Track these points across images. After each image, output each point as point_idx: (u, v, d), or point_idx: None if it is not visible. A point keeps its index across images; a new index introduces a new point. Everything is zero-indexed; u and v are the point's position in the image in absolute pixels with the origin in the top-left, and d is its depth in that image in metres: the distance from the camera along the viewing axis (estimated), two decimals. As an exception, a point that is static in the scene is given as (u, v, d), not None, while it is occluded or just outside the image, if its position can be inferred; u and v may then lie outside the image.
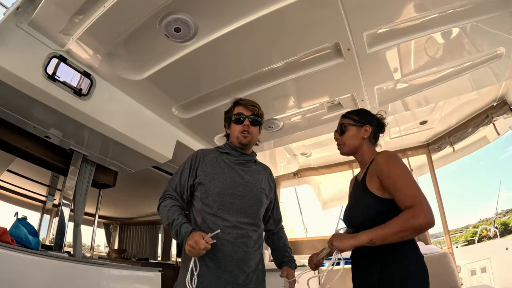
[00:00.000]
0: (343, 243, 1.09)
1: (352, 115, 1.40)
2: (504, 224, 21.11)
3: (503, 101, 3.02)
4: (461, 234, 10.56)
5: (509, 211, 27.40)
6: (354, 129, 1.36)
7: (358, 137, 1.35)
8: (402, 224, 1.02)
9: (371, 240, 1.04)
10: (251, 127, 1.42)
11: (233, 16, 1.66)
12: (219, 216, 1.30)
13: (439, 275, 2.74)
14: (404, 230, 1.01)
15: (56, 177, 3.14)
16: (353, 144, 1.36)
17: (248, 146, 1.46)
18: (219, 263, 1.24)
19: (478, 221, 33.05)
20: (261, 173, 1.48)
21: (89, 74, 2.03)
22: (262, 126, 1.51)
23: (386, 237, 1.03)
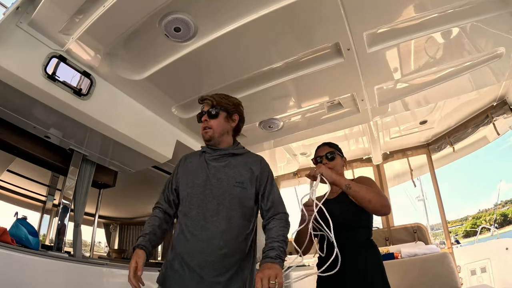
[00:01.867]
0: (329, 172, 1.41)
1: (334, 146, 1.69)
2: (503, 215, 21.08)
3: (503, 101, 3.02)
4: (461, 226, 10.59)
5: (508, 202, 27.35)
6: (339, 158, 1.66)
7: (341, 165, 1.67)
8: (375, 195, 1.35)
9: (349, 184, 1.37)
10: (210, 121, 1.40)
11: (233, 16, 1.66)
12: (189, 217, 1.31)
13: (439, 275, 2.75)
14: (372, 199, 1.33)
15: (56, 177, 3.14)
16: (339, 171, 1.62)
17: (216, 140, 1.42)
18: (189, 263, 1.25)
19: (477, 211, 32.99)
20: (241, 166, 1.39)
21: (89, 74, 2.03)
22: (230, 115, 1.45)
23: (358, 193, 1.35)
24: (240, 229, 1.30)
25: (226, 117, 1.43)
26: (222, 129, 1.42)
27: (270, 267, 1.15)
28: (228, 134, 1.46)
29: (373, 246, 1.49)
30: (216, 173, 1.36)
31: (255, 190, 1.38)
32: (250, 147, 3.19)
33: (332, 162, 1.61)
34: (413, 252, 3.06)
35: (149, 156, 2.55)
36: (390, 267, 3.09)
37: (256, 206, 1.40)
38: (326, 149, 1.66)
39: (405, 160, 3.99)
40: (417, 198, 14.42)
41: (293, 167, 4.18)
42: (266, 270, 1.13)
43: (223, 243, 1.25)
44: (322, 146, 1.70)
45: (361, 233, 1.48)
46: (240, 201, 1.32)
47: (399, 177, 4.51)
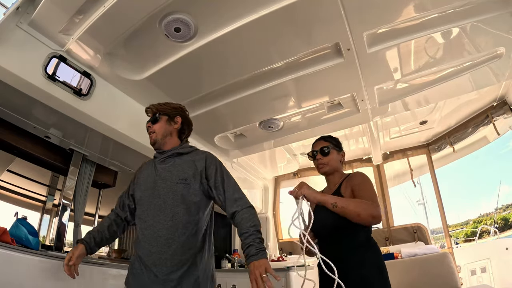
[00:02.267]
0: (312, 193, 1.32)
1: (331, 140, 1.61)
2: (504, 219, 21.08)
3: (503, 101, 3.02)
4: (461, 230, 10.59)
5: (509, 206, 27.35)
6: (335, 152, 1.59)
7: (338, 160, 1.59)
8: (364, 207, 1.27)
9: (335, 203, 1.28)
10: (152, 126, 1.52)
11: (233, 16, 1.66)
12: (141, 219, 1.41)
13: (439, 275, 2.75)
14: (361, 212, 1.25)
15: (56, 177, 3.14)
16: (334, 166, 1.57)
17: (160, 143, 1.50)
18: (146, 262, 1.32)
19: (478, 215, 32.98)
20: (185, 164, 1.44)
21: (89, 74, 2.03)
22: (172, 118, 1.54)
23: (345, 209, 1.27)
24: (185, 225, 1.34)
25: (167, 120, 1.53)
26: (164, 131, 1.51)
27: (257, 264, 1.17)
28: (172, 136, 1.54)
29: (372, 245, 1.43)
30: (162, 173, 1.44)
31: (202, 185, 1.41)
32: (250, 147, 3.20)
33: (326, 157, 1.56)
34: (413, 252, 3.06)
35: (149, 156, 2.55)
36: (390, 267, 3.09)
37: (206, 200, 1.44)
38: (321, 144, 1.61)
39: (405, 160, 3.99)
40: (417, 202, 14.44)
41: (293, 167, 4.18)
42: (255, 269, 1.16)
43: (170, 240, 1.30)
44: (318, 140, 1.65)
45: (359, 233, 1.41)
46: (183, 197, 1.36)
47: (399, 177, 4.50)
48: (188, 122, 1.64)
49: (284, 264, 3.05)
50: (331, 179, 1.60)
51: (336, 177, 1.57)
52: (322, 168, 1.57)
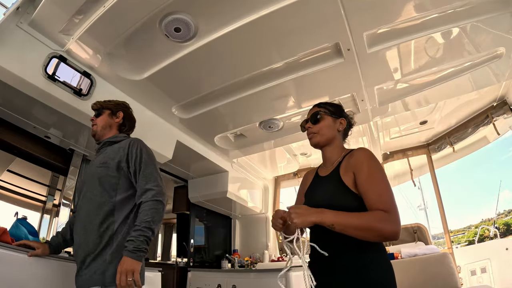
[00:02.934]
0: (304, 220, 0.96)
1: (327, 105, 1.32)
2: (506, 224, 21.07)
3: (503, 101, 3.02)
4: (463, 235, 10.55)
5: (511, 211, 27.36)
6: (330, 119, 1.28)
7: (334, 128, 1.28)
8: (371, 223, 0.92)
9: (333, 224, 0.95)
10: (95, 120, 1.60)
11: (233, 16, 1.66)
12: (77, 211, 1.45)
13: (439, 275, 2.74)
14: (369, 229, 0.92)
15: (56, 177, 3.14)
16: (328, 135, 1.25)
17: (98, 134, 1.58)
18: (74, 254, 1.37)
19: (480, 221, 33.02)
20: (113, 150, 1.46)
21: (89, 74, 2.03)
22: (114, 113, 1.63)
23: (347, 228, 0.94)
24: (100, 206, 1.34)
25: (109, 114, 1.61)
26: (104, 123, 1.58)
27: (127, 262, 1.17)
28: (111, 129, 1.60)
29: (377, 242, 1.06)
30: (94, 161, 1.50)
31: (122, 169, 1.40)
32: (250, 147, 3.20)
33: (317, 125, 1.26)
34: (413, 252, 3.06)
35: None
36: (390, 267, 3.09)
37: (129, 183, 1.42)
38: (313, 110, 1.32)
39: (405, 160, 3.99)
40: (418, 207, 14.44)
41: (293, 167, 4.18)
42: (124, 265, 1.16)
43: (87, 223, 1.32)
44: (313, 106, 1.36)
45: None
46: (100, 180, 1.38)
47: (399, 177, 4.50)
48: (130, 117, 1.70)
49: (284, 264, 3.04)
50: (327, 155, 1.28)
51: (334, 152, 1.26)
52: (312, 138, 1.27)
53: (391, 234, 0.92)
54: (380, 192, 1.00)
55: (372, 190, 1.01)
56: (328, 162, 1.26)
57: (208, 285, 3.26)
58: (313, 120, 1.27)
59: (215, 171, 3.56)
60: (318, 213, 0.98)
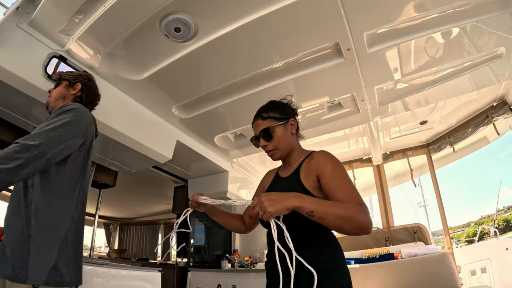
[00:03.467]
0: (280, 206, 0.86)
1: (270, 112, 1.20)
2: (506, 220, 21.07)
3: (503, 101, 3.02)
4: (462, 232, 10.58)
5: (511, 207, 27.38)
6: (281, 128, 1.18)
7: (288, 135, 1.19)
8: (353, 213, 0.89)
9: (312, 211, 0.87)
10: (52, 91, 1.51)
11: (233, 16, 1.66)
12: None
13: (439, 275, 2.74)
14: (350, 219, 0.88)
15: (56, 177, 3.14)
16: (286, 146, 1.19)
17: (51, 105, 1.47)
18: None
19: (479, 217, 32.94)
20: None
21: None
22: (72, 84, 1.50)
23: (328, 216, 0.88)
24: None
25: (66, 86, 1.50)
26: (58, 94, 1.48)
27: None
28: (65, 100, 1.47)
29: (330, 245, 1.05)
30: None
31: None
32: (250, 147, 3.20)
33: (271, 141, 1.17)
34: (413, 252, 3.06)
35: (149, 156, 2.55)
36: (390, 267, 3.10)
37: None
38: (260, 124, 1.20)
39: (405, 160, 3.99)
40: (418, 204, 14.46)
41: (293, 167, 4.18)
42: None
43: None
44: (255, 119, 1.23)
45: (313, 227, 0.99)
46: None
47: (399, 177, 4.50)
48: (89, 90, 1.56)
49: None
50: (289, 159, 1.23)
51: (295, 155, 1.21)
52: (273, 155, 1.20)
53: (367, 226, 0.89)
54: (349, 189, 0.98)
55: (341, 187, 0.98)
56: (289, 165, 1.22)
57: (208, 285, 3.27)
58: (265, 137, 1.17)
59: (215, 171, 3.56)
60: (296, 197, 0.89)
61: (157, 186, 4.74)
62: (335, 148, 3.79)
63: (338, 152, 3.90)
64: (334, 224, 0.89)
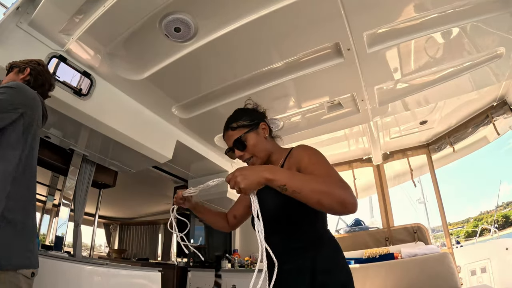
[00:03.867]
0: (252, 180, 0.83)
1: (239, 121, 1.19)
2: (505, 216, 21.03)
3: (503, 101, 3.02)
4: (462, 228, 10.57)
5: (510, 203, 27.38)
6: (253, 135, 1.15)
7: (261, 140, 1.16)
8: (331, 187, 0.82)
9: (285, 185, 0.82)
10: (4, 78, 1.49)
11: (233, 16, 1.66)
12: None
13: (439, 275, 2.75)
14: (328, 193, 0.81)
15: (56, 177, 3.14)
16: (262, 151, 1.15)
17: None
18: None
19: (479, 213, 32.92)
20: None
21: (89, 74, 2.03)
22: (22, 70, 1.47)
23: (302, 189, 0.82)
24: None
25: (16, 72, 1.48)
26: (7, 80, 1.45)
27: None
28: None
29: (324, 244, 1.02)
30: None
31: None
32: (250, 147, 3.20)
33: (247, 150, 1.14)
34: (413, 252, 3.06)
35: (149, 156, 2.56)
36: (390, 267, 3.09)
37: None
38: (231, 135, 1.18)
39: (405, 160, 3.99)
40: (417, 200, 14.45)
41: (293, 167, 4.18)
42: None
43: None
44: (225, 131, 1.21)
45: (307, 229, 1.00)
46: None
47: (399, 177, 4.50)
48: (37, 73, 1.51)
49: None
50: (272, 159, 1.19)
51: (276, 156, 1.18)
52: (254, 163, 1.16)
53: (349, 201, 0.81)
54: (326, 170, 0.93)
55: (318, 170, 0.93)
56: (274, 162, 1.18)
57: (208, 285, 3.27)
58: (239, 147, 1.14)
59: (215, 171, 3.56)
60: (267, 170, 0.85)
61: (157, 186, 4.75)
62: (335, 148, 3.78)
63: (338, 152, 3.90)
64: (311, 198, 0.82)
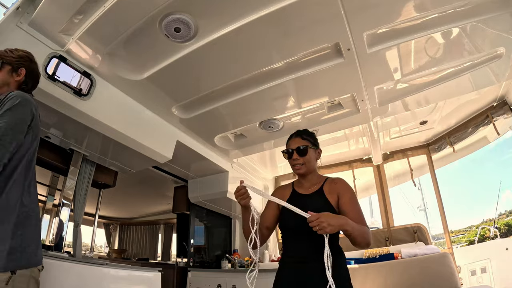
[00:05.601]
0: (335, 228, 1.14)
1: (308, 136, 1.45)
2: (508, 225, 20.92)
3: (503, 101, 3.02)
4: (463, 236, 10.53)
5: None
6: (313, 151, 1.43)
7: (314, 159, 1.44)
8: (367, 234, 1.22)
9: (351, 231, 1.16)
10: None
11: (233, 16, 1.66)
12: None
13: (439, 275, 2.74)
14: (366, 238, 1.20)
15: (56, 177, 3.14)
16: (312, 166, 1.43)
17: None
18: None
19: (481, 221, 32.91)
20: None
21: (89, 74, 2.03)
22: (15, 69, 1.40)
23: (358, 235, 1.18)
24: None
25: (10, 71, 1.39)
26: (1, 81, 1.36)
27: None
28: (9, 87, 1.38)
29: (342, 254, 1.32)
30: None
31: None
32: (250, 147, 3.20)
33: (304, 157, 1.39)
34: (413, 252, 3.06)
35: (149, 156, 2.56)
36: (390, 267, 3.09)
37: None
38: (298, 142, 1.43)
39: (405, 160, 3.98)
40: (418, 208, 14.40)
41: (293, 167, 4.18)
42: None
43: None
44: (295, 136, 1.46)
45: (335, 239, 1.30)
46: None
47: (399, 177, 4.50)
48: (34, 74, 1.47)
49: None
50: (308, 179, 1.45)
51: (314, 177, 1.45)
52: (299, 169, 1.41)
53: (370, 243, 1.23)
54: (359, 213, 1.28)
55: (354, 210, 1.28)
56: (308, 184, 1.44)
57: (208, 285, 3.27)
58: (300, 152, 1.40)
59: (215, 171, 3.56)
60: (347, 223, 1.16)
61: (157, 186, 4.74)
62: (335, 148, 3.79)
63: (338, 152, 3.90)
64: (356, 240, 1.19)
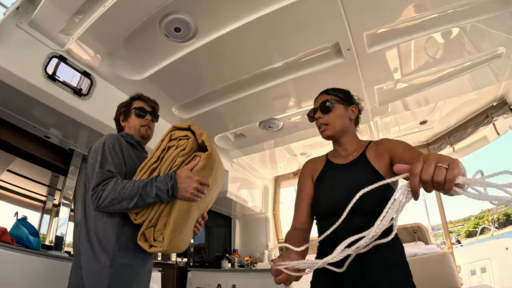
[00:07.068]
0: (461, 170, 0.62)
1: (337, 91, 1.20)
2: (506, 214, 20.93)
3: (503, 101, 3.02)
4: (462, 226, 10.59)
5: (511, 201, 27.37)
6: (342, 107, 1.15)
7: (346, 117, 1.15)
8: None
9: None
10: (150, 123, 1.58)
11: (233, 16, 1.66)
12: None
13: (439, 275, 2.74)
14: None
15: (56, 177, 3.14)
16: (340, 126, 1.14)
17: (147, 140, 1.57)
18: None
19: (480, 211, 32.84)
20: None
21: (89, 74, 2.03)
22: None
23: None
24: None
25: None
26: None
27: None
28: None
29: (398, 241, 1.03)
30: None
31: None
32: (250, 147, 3.20)
33: (328, 114, 1.14)
34: (413, 252, 3.06)
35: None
36: (390, 267, 3.08)
37: None
38: (322, 97, 1.19)
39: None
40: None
41: (293, 167, 4.18)
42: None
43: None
44: (320, 94, 1.24)
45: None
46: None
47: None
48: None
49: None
50: (343, 145, 1.16)
51: (351, 142, 1.15)
52: (324, 131, 1.15)
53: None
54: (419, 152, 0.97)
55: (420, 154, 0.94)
56: (345, 152, 1.15)
57: (208, 285, 3.27)
58: (323, 109, 1.14)
59: (215, 171, 3.56)
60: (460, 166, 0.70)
61: (157, 186, 4.74)
62: (335, 148, 3.77)
63: (338, 152, 3.89)
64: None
